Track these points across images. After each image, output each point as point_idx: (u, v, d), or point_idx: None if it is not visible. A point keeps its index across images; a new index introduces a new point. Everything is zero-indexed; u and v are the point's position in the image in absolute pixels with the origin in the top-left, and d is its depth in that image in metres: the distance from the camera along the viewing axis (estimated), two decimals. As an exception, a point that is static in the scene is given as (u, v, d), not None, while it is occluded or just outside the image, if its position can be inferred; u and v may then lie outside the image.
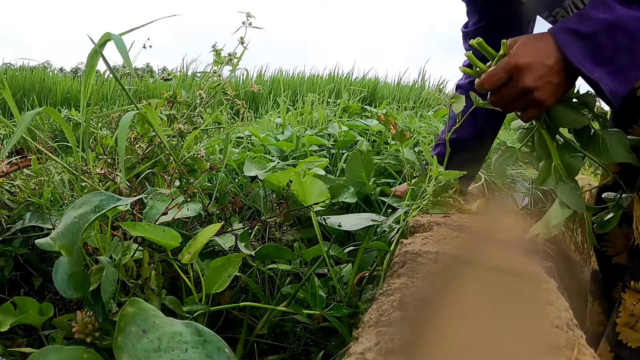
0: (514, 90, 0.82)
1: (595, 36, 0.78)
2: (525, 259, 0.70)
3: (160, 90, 4.53)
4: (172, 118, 1.30)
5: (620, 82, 0.79)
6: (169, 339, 0.47)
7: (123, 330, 0.46)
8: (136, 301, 0.49)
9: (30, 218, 1.03)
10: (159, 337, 0.47)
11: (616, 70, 0.79)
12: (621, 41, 0.78)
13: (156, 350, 0.45)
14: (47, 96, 5.66)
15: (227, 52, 1.40)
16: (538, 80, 0.80)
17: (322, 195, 1.07)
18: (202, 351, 0.47)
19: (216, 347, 0.47)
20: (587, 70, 0.79)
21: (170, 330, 0.48)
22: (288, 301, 0.93)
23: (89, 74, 0.81)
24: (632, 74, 0.80)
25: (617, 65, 0.79)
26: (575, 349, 0.43)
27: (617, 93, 0.79)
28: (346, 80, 6.01)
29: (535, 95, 0.80)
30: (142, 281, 0.79)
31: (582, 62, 0.79)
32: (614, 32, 0.78)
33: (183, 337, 0.47)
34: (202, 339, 0.48)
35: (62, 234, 0.64)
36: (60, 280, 0.66)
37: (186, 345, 0.47)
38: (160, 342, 0.46)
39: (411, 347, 0.43)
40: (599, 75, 0.79)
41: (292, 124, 2.51)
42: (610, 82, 0.79)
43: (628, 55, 0.78)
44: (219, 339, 0.48)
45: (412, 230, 0.89)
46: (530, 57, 0.79)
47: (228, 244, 0.96)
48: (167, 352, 0.46)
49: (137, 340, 0.46)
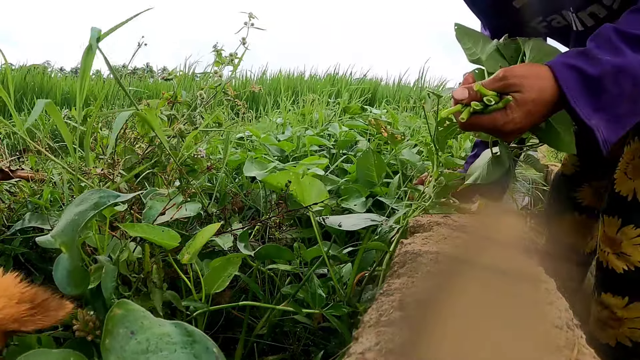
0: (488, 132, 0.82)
1: (600, 80, 0.73)
2: (525, 260, 0.70)
3: (161, 90, 4.54)
4: (173, 118, 1.30)
5: (615, 130, 0.75)
6: (158, 339, 0.47)
7: (111, 332, 0.46)
8: (124, 303, 0.49)
9: (30, 218, 1.03)
10: (147, 338, 0.46)
11: (614, 119, 0.75)
12: (627, 88, 0.73)
13: (144, 351, 0.45)
14: (47, 96, 5.66)
15: (229, 52, 1.40)
16: (519, 133, 0.79)
17: (321, 195, 1.07)
18: (191, 351, 0.46)
19: (205, 347, 0.47)
20: (585, 115, 0.74)
21: (159, 331, 0.48)
22: (288, 301, 0.93)
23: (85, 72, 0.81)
24: (627, 122, 0.76)
25: (617, 113, 0.75)
26: (575, 349, 0.43)
27: (609, 141, 0.75)
28: (346, 80, 6.02)
29: (508, 138, 0.81)
30: (145, 275, 0.80)
31: (581, 106, 0.74)
32: (620, 79, 0.73)
33: (172, 337, 0.47)
34: (191, 340, 0.47)
35: (62, 231, 0.64)
36: (60, 277, 0.66)
37: (175, 345, 0.46)
38: (148, 343, 0.46)
39: (411, 347, 0.43)
40: (596, 122, 0.74)
41: (293, 124, 2.51)
42: (605, 130, 0.75)
43: (630, 104, 0.74)
44: (207, 339, 0.48)
45: (412, 230, 0.89)
46: (522, 121, 0.76)
47: (227, 244, 0.96)
48: (155, 353, 0.45)
49: (125, 342, 0.46)
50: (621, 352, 0.97)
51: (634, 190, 0.93)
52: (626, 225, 0.95)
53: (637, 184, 0.93)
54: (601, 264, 1.01)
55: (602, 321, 1.00)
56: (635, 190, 0.93)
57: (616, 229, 0.96)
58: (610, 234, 0.98)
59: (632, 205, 0.94)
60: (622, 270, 0.95)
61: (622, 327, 0.96)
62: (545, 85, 0.74)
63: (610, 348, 0.98)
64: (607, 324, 0.99)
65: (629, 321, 0.95)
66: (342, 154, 1.95)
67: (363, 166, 1.37)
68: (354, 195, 1.31)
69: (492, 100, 0.76)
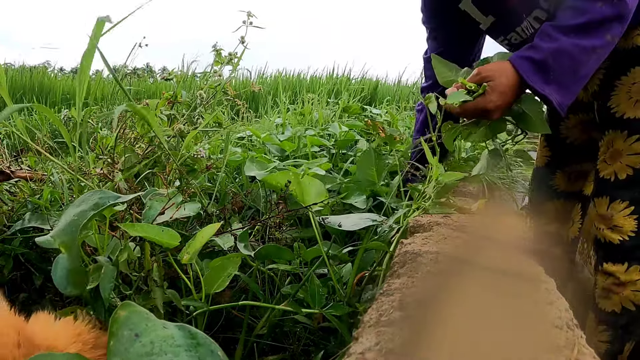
0: (477, 116, 1.09)
1: (545, 61, 1.01)
2: (525, 259, 0.70)
3: (161, 90, 4.53)
4: (173, 118, 1.30)
5: (565, 95, 1.02)
6: (162, 342, 0.46)
7: (115, 334, 0.45)
8: (128, 304, 0.49)
9: (30, 218, 1.03)
10: (151, 341, 0.46)
11: (562, 87, 1.01)
12: (565, 63, 1.01)
13: (149, 354, 0.45)
14: (47, 96, 5.65)
15: (228, 51, 1.40)
16: (499, 110, 1.05)
17: (320, 195, 1.07)
18: (195, 354, 0.46)
19: (209, 350, 0.47)
20: (539, 88, 1.01)
21: (163, 333, 0.47)
22: (288, 301, 0.92)
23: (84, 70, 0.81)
24: (574, 88, 1.03)
25: (563, 83, 1.01)
26: (575, 348, 0.43)
27: (563, 104, 1.02)
28: (346, 80, 6.01)
29: (492, 116, 1.06)
30: (145, 273, 0.80)
31: (535, 82, 1.01)
32: (559, 57, 1.00)
33: (176, 340, 0.47)
34: (195, 342, 0.47)
35: (62, 231, 0.64)
36: (59, 277, 0.66)
37: (179, 348, 0.46)
38: (152, 346, 0.46)
39: (411, 347, 0.43)
40: (549, 91, 1.01)
41: (293, 124, 2.51)
42: (558, 96, 1.01)
43: (571, 74, 1.01)
44: (211, 342, 0.48)
45: (412, 230, 0.89)
46: (499, 100, 1.03)
47: (227, 244, 0.96)
48: (159, 355, 0.45)
49: (129, 344, 0.45)
50: (627, 317, 1.12)
51: (614, 173, 1.14)
52: (614, 201, 1.14)
53: (616, 167, 1.14)
54: (599, 241, 1.17)
55: (607, 289, 1.14)
56: (616, 172, 1.14)
57: (606, 206, 1.15)
58: (601, 212, 1.16)
59: (615, 184, 1.14)
60: (617, 241, 1.13)
61: (625, 290, 1.11)
62: (508, 73, 1.03)
63: (616, 315, 1.13)
64: (611, 291, 1.13)
65: (631, 284, 1.11)
66: (342, 154, 1.95)
67: (363, 166, 1.36)
68: (355, 193, 1.31)
69: (473, 87, 1.05)
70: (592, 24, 1.00)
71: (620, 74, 1.13)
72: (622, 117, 1.12)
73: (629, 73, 1.11)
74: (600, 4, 0.99)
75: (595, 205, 1.19)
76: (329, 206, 1.17)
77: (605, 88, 1.16)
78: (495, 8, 1.26)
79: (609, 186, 1.15)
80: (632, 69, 1.11)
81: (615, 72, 1.13)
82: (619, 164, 1.13)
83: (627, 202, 1.12)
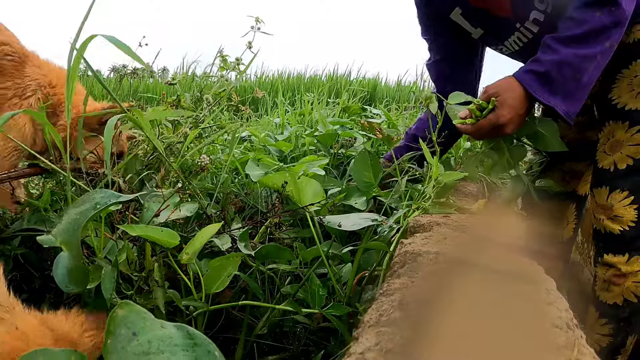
0: (493, 134, 1.11)
1: (548, 74, 1.04)
2: (525, 260, 0.70)
3: (161, 90, 4.53)
4: (176, 123, 1.30)
5: (571, 104, 1.05)
6: (159, 341, 0.46)
7: (112, 332, 0.45)
8: (127, 303, 0.49)
9: (30, 219, 1.03)
10: (148, 340, 0.46)
11: (567, 97, 1.05)
12: (568, 73, 1.04)
13: (146, 353, 0.45)
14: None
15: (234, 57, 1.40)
16: (512, 124, 1.07)
17: (317, 196, 1.07)
18: (192, 354, 0.46)
19: (206, 351, 0.47)
20: (545, 99, 1.05)
21: (161, 333, 0.47)
22: (288, 301, 0.92)
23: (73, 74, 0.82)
24: (579, 96, 1.06)
25: (568, 92, 1.05)
26: (575, 349, 0.43)
27: (570, 113, 1.05)
28: (346, 80, 6.01)
29: (506, 131, 1.08)
30: (146, 273, 0.80)
31: (541, 94, 1.05)
32: (561, 69, 1.04)
33: (173, 339, 0.47)
34: (192, 342, 0.47)
35: (63, 230, 0.64)
36: (60, 275, 0.66)
37: (176, 347, 0.46)
38: (150, 345, 0.46)
39: (411, 347, 0.43)
40: (555, 102, 1.05)
41: (292, 124, 2.50)
42: (564, 105, 1.05)
43: (574, 83, 1.04)
44: (209, 342, 0.48)
45: (412, 230, 0.89)
46: (509, 113, 1.06)
47: (225, 245, 0.96)
48: (157, 355, 0.45)
49: (126, 343, 0.45)
50: (629, 309, 1.13)
51: (614, 163, 1.15)
52: (613, 191, 1.15)
53: (616, 157, 1.15)
54: (599, 232, 1.18)
55: (608, 281, 1.15)
56: (615, 162, 1.15)
57: (605, 196, 1.16)
58: (601, 201, 1.17)
59: (615, 174, 1.15)
60: (618, 232, 1.14)
61: (627, 282, 1.12)
62: (514, 87, 1.07)
63: (617, 307, 1.14)
64: (612, 283, 1.14)
65: (633, 275, 1.12)
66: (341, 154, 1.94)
67: (359, 168, 1.29)
68: (355, 194, 1.30)
69: (482, 105, 1.09)
70: (592, 33, 1.02)
71: (622, 66, 1.14)
72: (623, 108, 1.14)
73: (630, 66, 1.13)
74: (598, 13, 1.02)
75: (595, 196, 1.19)
76: (326, 207, 1.17)
77: (606, 80, 1.17)
78: (482, 21, 1.29)
79: (609, 176, 1.16)
80: (634, 61, 1.13)
81: (617, 65, 1.14)
82: (619, 154, 1.14)
83: (627, 192, 1.13)
